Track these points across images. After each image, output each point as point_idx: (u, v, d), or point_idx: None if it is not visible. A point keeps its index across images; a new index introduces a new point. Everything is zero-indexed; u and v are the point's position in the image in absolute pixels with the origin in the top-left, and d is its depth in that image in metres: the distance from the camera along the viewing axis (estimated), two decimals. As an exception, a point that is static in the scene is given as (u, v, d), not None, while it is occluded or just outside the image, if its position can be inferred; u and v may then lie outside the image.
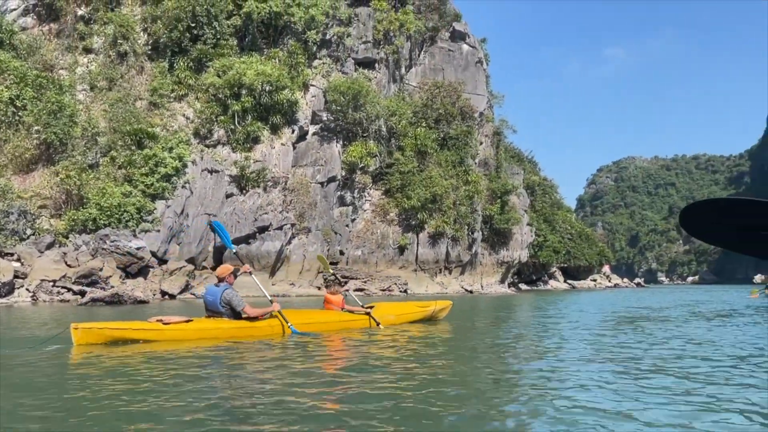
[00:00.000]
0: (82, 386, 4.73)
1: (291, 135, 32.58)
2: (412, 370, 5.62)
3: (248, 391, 4.53)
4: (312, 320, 9.29)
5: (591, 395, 4.49)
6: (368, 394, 4.41)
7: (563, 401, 4.22)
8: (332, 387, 4.70)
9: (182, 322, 7.99)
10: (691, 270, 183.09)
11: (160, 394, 4.34)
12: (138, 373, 5.36)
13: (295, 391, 4.49)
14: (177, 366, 5.79)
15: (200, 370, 5.66)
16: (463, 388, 4.89)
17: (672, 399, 4.38)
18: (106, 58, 32.08)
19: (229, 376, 5.39)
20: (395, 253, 34.23)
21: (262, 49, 34.57)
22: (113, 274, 23.83)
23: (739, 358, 6.86)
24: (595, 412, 3.89)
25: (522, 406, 4.21)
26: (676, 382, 5.09)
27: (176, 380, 4.98)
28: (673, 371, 5.74)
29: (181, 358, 6.38)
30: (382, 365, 5.97)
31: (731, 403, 4.31)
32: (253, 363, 6.10)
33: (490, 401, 4.37)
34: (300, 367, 5.76)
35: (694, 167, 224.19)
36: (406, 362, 6.22)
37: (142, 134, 28.83)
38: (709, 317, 14.45)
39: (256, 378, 5.18)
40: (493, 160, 43.48)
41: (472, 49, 42.70)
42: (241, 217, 28.77)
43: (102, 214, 26.00)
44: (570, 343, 8.49)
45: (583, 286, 60.32)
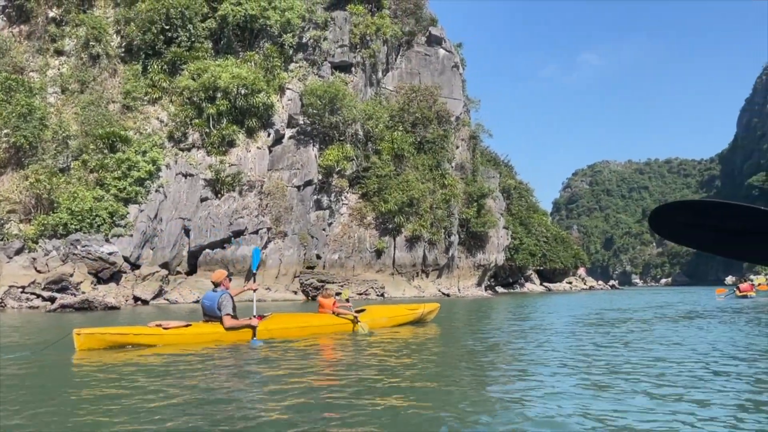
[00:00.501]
0: (83, 391, 4.88)
1: (267, 138, 32.38)
2: (397, 373, 5.76)
3: (241, 396, 4.71)
4: (305, 323, 9.71)
5: (564, 397, 4.64)
6: (349, 397, 4.54)
7: (539, 404, 4.36)
8: (319, 391, 4.84)
9: (182, 326, 8.18)
10: (664, 272, 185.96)
11: (157, 398, 4.48)
12: (138, 378, 5.50)
13: (286, 393, 4.69)
14: (176, 371, 5.95)
15: (197, 374, 5.79)
16: (442, 392, 4.98)
17: (649, 401, 4.49)
18: (78, 60, 31.56)
19: (224, 379, 5.50)
20: (372, 256, 34.17)
21: (238, 52, 34.33)
22: (84, 279, 23.43)
23: (704, 359, 6.96)
24: (570, 415, 4.02)
25: (501, 408, 4.31)
26: (650, 385, 5.15)
27: (175, 384, 5.13)
28: (645, 373, 5.80)
29: (181, 363, 6.53)
30: (366, 367, 6.14)
31: (695, 402, 4.37)
32: (247, 367, 6.31)
33: (470, 403, 4.48)
34: (287, 370, 5.91)
35: (666, 171, 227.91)
36: (393, 365, 6.35)
37: (114, 137, 28.39)
38: (676, 319, 14.67)
39: (249, 382, 5.36)
40: (470, 163, 43.68)
41: (448, 54, 42.90)
42: (216, 222, 28.48)
43: (73, 218, 25.54)
44: (543, 346, 8.56)
45: (559, 288, 60.84)
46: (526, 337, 9.84)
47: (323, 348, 8.25)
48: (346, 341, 8.94)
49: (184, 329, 8.22)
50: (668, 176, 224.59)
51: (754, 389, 5.09)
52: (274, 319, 9.12)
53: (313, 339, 9.05)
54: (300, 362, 6.60)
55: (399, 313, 11.50)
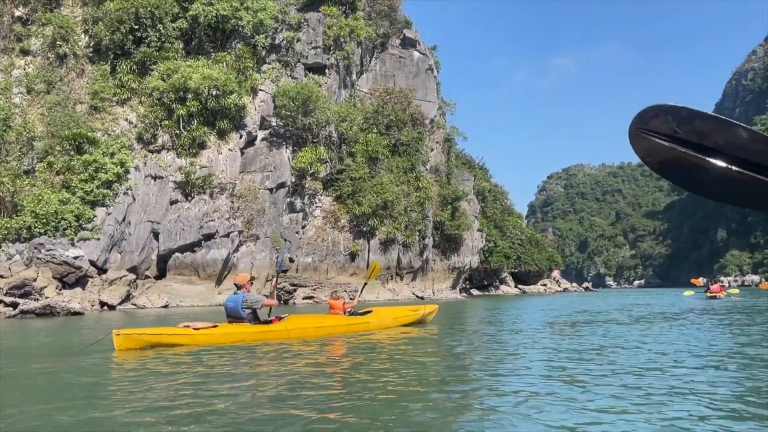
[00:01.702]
0: (124, 387, 5.39)
1: (239, 140, 31.94)
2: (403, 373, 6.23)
3: (266, 393, 5.14)
4: (320, 324, 10.52)
5: (539, 398, 4.70)
6: (363, 395, 4.94)
7: (516, 406, 4.46)
8: (334, 389, 5.27)
9: (209, 327, 8.87)
10: (637, 274, 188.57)
11: (191, 395, 4.94)
12: (174, 375, 6.04)
13: (310, 389, 5.22)
14: (206, 368, 6.55)
15: (226, 371, 6.41)
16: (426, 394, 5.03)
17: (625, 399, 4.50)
18: (45, 60, 30.78)
19: (249, 377, 6.09)
20: (346, 259, 33.91)
21: (210, 53, 33.84)
22: (49, 284, 22.77)
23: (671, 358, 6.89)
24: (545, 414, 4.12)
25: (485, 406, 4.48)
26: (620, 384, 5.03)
27: (205, 381, 5.69)
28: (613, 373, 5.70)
29: (210, 360, 7.17)
30: (377, 367, 6.62)
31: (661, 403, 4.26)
32: (268, 366, 6.87)
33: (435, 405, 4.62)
34: (310, 369, 6.51)
35: (639, 174, 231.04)
36: (399, 365, 6.83)
37: (81, 139, 27.71)
38: (640, 320, 14.70)
39: (271, 380, 5.80)
40: (444, 166, 43.68)
41: (422, 56, 42.88)
42: (186, 225, 27.96)
43: (37, 221, 24.84)
44: (516, 351, 8.45)
45: (533, 290, 61.18)
46: (504, 342, 9.85)
47: (335, 349, 8.78)
48: (361, 341, 9.58)
49: (213, 330, 8.86)
50: (641, 179, 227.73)
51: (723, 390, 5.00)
52: (292, 320, 9.88)
53: (327, 339, 9.76)
54: (320, 359, 7.50)
55: (402, 314, 12.42)
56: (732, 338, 9.81)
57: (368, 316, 11.49)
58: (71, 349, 8.44)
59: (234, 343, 8.74)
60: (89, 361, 7.18)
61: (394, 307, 13.49)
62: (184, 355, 7.59)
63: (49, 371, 6.49)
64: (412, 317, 12.55)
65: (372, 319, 11.42)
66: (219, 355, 7.63)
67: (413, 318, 12.58)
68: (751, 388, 5.24)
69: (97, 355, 7.64)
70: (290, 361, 7.18)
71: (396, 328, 11.76)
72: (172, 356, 7.50)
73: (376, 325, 11.35)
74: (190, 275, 27.52)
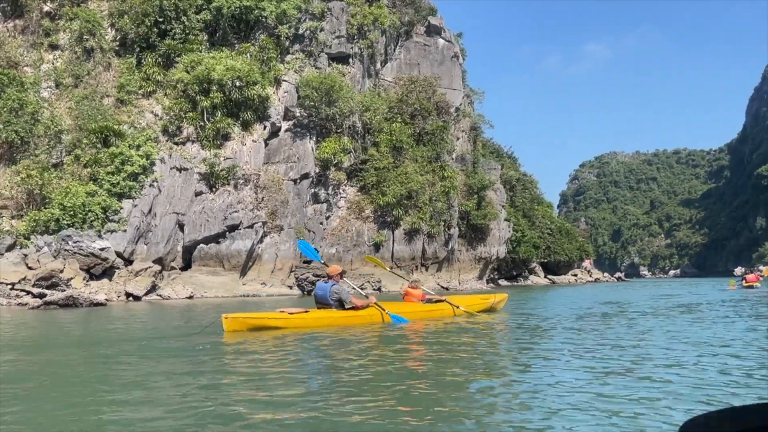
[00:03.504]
0: (235, 360, 6.72)
1: (263, 131, 31.98)
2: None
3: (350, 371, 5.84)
4: (400, 310, 11.10)
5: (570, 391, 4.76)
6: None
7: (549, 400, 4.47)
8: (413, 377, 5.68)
9: (302, 312, 9.92)
10: (672, 263, 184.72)
11: (289, 371, 5.92)
12: (277, 352, 7.27)
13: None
14: (300, 348, 7.81)
15: (319, 351, 7.62)
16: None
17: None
18: (72, 54, 31.23)
19: (339, 358, 6.88)
20: (371, 250, 33.75)
21: (234, 44, 33.91)
22: (76, 275, 23.17)
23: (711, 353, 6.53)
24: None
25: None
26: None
27: (299, 359, 6.89)
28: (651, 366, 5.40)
29: (303, 342, 8.40)
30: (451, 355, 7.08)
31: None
32: (356, 347, 7.77)
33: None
34: (392, 354, 7.11)
35: (675, 162, 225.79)
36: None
37: (108, 132, 28.05)
38: (672, 313, 14.18)
39: (357, 361, 6.47)
40: (470, 155, 43.13)
41: (447, 44, 42.30)
42: (211, 216, 28.14)
43: (65, 214, 25.25)
44: (539, 341, 8.19)
45: (564, 281, 60.24)
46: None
47: (422, 333, 9.61)
48: (437, 325, 10.56)
49: (305, 314, 9.88)
50: (677, 167, 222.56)
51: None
52: (374, 307, 10.66)
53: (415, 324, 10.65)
54: (401, 343, 8.44)
55: (474, 302, 13.18)
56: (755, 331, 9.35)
57: (442, 304, 12.26)
58: (190, 330, 9.99)
59: (323, 327, 9.69)
60: (206, 339, 8.40)
61: (466, 295, 14.41)
62: (282, 337, 8.65)
63: (178, 347, 7.87)
64: (483, 305, 13.26)
65: (446, 306, 12.18)
66: (311, 337, 8.75)
67: (484, 306, 13.28)
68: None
69: (211, 336, 8.77)
70: (374, 345, 8.14)
71: (468, 314, 12.44)
72: (269, 338, 8.67)
73: (450, 312, 12.09)
74: (215, 266, 27.72)
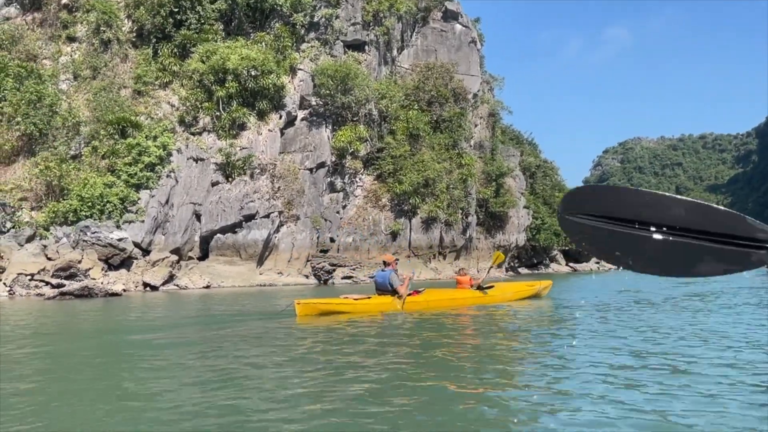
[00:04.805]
0: (306, 341, 7.74)
1: (278, 120, 31.89)
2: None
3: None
4: (453, 296, 12.22)
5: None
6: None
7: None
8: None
9: (365, 298, 10.78)
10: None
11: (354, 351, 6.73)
12: (344, 334, 8.27)
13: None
14: (364, 332, 8.48)
15: (378, 332, 8.47)
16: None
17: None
18: (90, 46, 31.42)
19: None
20: (388, 239, 33.62)
21: (249, 33, 33.80)
22: (94, 266, 23.39)
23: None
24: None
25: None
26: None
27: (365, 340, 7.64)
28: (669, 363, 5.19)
29: (365, 326, 9.10)
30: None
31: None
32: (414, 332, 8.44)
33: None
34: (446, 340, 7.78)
35: (701, 147, 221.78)
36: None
37: (125, 123, 28.20)
38: (683, 303, 13.82)
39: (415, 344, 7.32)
40: (489, 142, 42.63)
41: (465, 29, 41.71)
42: (227, 206, 28.19)
43: (83, 205, 25.47)
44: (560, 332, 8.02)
45: (585, 268, 59.58)
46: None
47: (466, 319, 10.33)
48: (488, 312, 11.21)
49: (368, 300, 10.75)
50: (703, 152, 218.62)
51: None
52: (429, 293, 11.81)
53: (459, 309, 11.60)
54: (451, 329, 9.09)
55: (521, 289, 14.00)
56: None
57: (492, 291, 12.93)
58: (268, 313, 11.26)
59: (385, 312, 10.59)
60: (284, 321, 9.57)
61: (513, 282, 14.94)
62: (349, 322, 9.50)
63: (259, 329, 8.95)
64: (529, 291, 14.03)
65: (495, 293, 12.91)
66: (372, 323, 9.46)
67: (530, 292, 14.05)
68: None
69: (287, 318, 9.91)
70: (432, 328, 8.97)
71: (515, 300, 13.23)
72: (338, 322, 9.56)
73: (499, 298, 12.88)
74: (232, 256, 27.81)
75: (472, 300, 12.36)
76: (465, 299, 12.22)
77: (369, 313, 10.46)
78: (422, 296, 11.37)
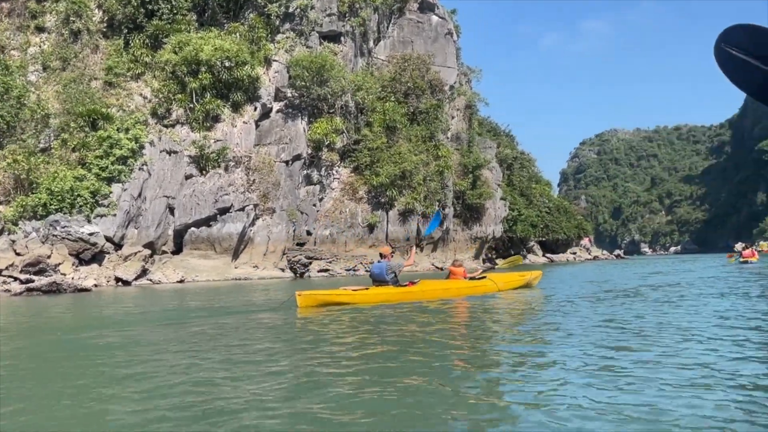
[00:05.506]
0: (307, 331, 8.00)
1: (253, 113, 31.54)
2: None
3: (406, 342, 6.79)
4: (448, 286, 12.51)
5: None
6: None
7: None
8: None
9: (363, 289, 11.10)
10: (673, 240, 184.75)
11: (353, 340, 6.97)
12: (344, 323, 8.54)
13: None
14: (361, 322, 8.65)
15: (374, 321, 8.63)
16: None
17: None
18: (59, 36, 30.71)
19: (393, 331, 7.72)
20: (365, 231, 33.53)
21: (222, 24, 33.32)
22: (64, 261, 22.99)
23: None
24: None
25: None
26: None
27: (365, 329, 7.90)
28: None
29: (365, 315, 9.31)
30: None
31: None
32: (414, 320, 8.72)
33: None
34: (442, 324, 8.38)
35: (675, 138, 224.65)
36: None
37: (96, 115, 27.67)
38: (647, 292, 13.98)
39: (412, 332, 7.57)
40: (466, 134, 42.66)
41: (441, 21, 41.61)
42: (201, 199, 27.86)
43: (53, 199, 24.97)
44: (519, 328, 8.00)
45: (562, 259, 60.11)
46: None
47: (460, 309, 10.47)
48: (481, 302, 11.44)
49: (366, 291, 11.05)
50: (677, 143, 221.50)
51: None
52: (425, 283, 12.03)
53: (454, 299, 11.91)
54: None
55: (512, 279, 14.33)
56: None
57: (485, 281, 13.35)
58: (268, 306, 11.58)
59: (382, 302, 10.83)
60: (287, 313, 9.84)
61: (505, 273, 15.44)
62: (349, 311, 9.77)
63: (264, 321, 9.18)
64: (520, 281, 14.50)
65: (488, 283, 13.30)
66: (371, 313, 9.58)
67: (521, 282, 14.53)
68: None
69: (288, 311, 10.11)
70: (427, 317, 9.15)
71: (507, 290, 13.57)
72: (338, 312, 9.80)
73: (492, 287, 13.21)
74: (207, 250, 27.51)
75: (466, 290, 12.69)
76: (459, 289, 12.55)
77: (368, 303, 10.74)
78: (417, 287, 11.67)
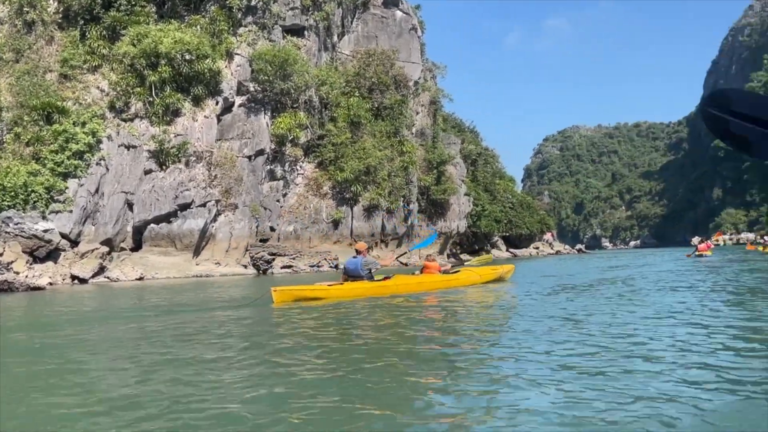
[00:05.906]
0: (283, 329, 7.80)
1: (215, 107, 31.02)
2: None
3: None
4: (422, 281, 12.57)
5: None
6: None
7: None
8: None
9: (338, 284, 11.31)
10: (633, 234, 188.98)
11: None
12: (321, 318, 8.52)
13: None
14: (335, 318, 8.70)
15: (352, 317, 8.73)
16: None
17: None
18: (12, 27, 29.69)
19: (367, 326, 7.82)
20: (329, 227, 33.37)
21: (183, 16, 32.66)
22: (18, 259, 22.22)
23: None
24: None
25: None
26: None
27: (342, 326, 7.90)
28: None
29: (341, 311, 9.37)
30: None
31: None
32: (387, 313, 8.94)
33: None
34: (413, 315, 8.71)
35: (635, 134, 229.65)
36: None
37: (50, 108, 26.82)
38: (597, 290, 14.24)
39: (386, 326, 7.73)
40: (430, 130, 42.81)
41: (405, 16, 41.61)
42: (161, 195, 27.30)
43: (5, 195, 24.12)
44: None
45: (525, 254, 60.91)
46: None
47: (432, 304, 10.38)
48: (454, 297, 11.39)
49: (342, 285, 11.21)
50: (637, 140, 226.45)
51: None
52: (398, 278, 12.05)
53: (427, 293, 12.02)
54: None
55: (486, 273, 14.49)
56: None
57: (458, 275, 13.55)
58: (242, 301, 11.55)
59: (357, 297, 10.94)
60: (261, 309, 9.81)
61: (478, 267, 15.49)
62: (323, 306, 9.87)
63: (233, 317, 9.16)
64: (494, 275, 14.68)
65: (462, 276, 13.50)
66: (347, 307, 9.73)
67: (495, 276, 14.72)
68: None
69: (261, 307, 10.09)
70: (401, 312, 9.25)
71: (481, 284, 13.74)
72: (315, 306, 9.91)
73: (465, 281, 13.38)
74: (167, 246, 27.00)
75: (441, 284, 12.77)
76: (433, 283, 12.63)
77: (342, 297, 10.85)
78: (392, 281, 11.78)
